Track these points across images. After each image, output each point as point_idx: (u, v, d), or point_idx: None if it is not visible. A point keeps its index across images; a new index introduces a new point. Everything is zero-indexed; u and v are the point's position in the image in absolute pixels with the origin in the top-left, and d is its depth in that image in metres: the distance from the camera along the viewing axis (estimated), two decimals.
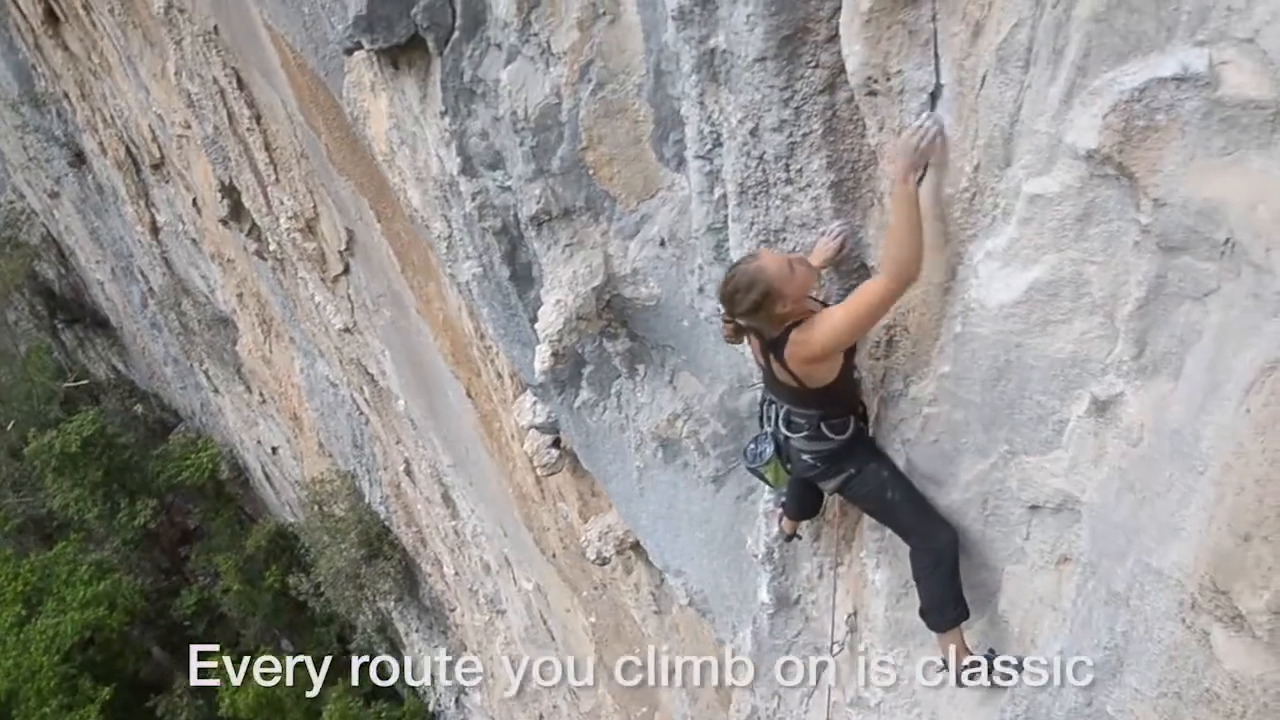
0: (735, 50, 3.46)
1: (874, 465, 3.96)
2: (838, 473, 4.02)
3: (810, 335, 3.53)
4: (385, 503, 16.07)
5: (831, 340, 3.51)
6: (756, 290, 3.47)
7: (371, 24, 4.45)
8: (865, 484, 4.01)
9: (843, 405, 3.90)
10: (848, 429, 3.91)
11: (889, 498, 3.96)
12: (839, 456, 3.97)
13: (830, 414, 3.88)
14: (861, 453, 3.97)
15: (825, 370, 3.65)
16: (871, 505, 4.19)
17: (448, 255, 5.57)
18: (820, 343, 3.52)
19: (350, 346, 11.71)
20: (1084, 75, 2.58)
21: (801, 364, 3.63)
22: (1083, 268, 2.84)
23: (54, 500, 24.60)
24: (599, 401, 5.54)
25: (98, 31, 13.23)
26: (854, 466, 3.97)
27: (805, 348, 3.56)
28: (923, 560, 3.96)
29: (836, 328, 3.47)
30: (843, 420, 3.90)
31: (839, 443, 3.92)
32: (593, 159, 4.35)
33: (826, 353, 3.56)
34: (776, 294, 3.46)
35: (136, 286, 23.15)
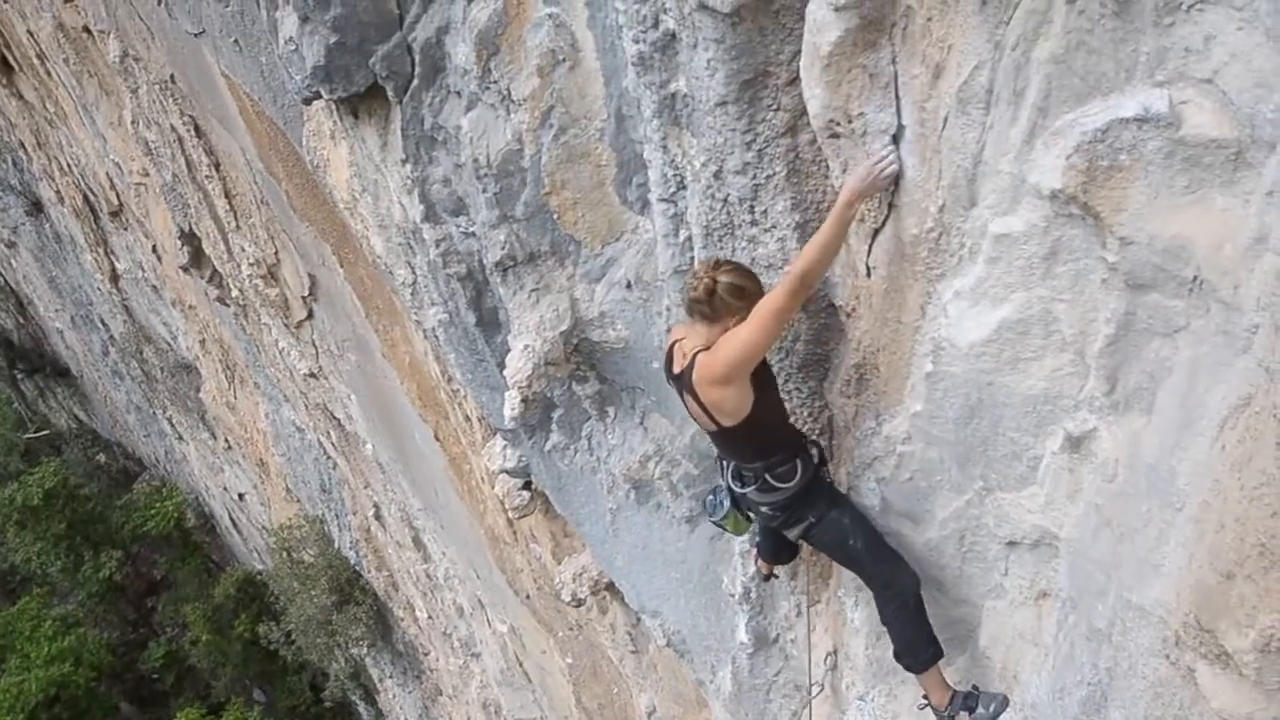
0: (696, 95, 3.45)
1: (835, 513, 3.90)
2: (798, 521, 3.95)
3: (715, 354, 3.50)
4: (355, 547, 15.86)
5: (737, 353, 3.43)
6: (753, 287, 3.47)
7: (330, 74, 4.42)
8: (827, 532, 3.95)
9: (781, 449, 3.81)
10: (795, 475, 3.82)
11: (851, 545, 3.91)
12: (796, 505, 3.90)
13: (773, 463, 3.80)
14: (820, 500, 3.90)
15: (735, 400, 3.54)
16: (835, 553, 4.15)
17: (413, 301, 5.52)
18: (724, 358, 3.45)
19: (316, 391, 11.58)
20: (1045, 116, 2.58)
21: (709, 387, 3.54)
22: (1051, 305, 2.84)
23: (16, 554, 24.15)
24: (570, 444, 5.49)
25: (53, 80, 13.11)
26: (813, 515, 3.91)
27: (709, 368, 3.51)
28: (888, 605, 3.94)
29: (741, 340, 3.42)
30: (789, 467, 3.81)
31: (791, 491, 3.84)
32: (556, 203, 4.33)
33: (731, 370, 3.46)
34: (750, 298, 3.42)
35: (97, 335, 22.85)
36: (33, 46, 12.74)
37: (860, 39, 2.95)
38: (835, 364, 4.00)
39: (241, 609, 22.40)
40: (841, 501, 3.96)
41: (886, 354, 3.56)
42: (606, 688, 9.07)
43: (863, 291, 3.59)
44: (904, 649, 3.95)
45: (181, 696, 24.56)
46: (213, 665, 23.64)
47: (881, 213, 3.28)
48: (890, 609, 3.93)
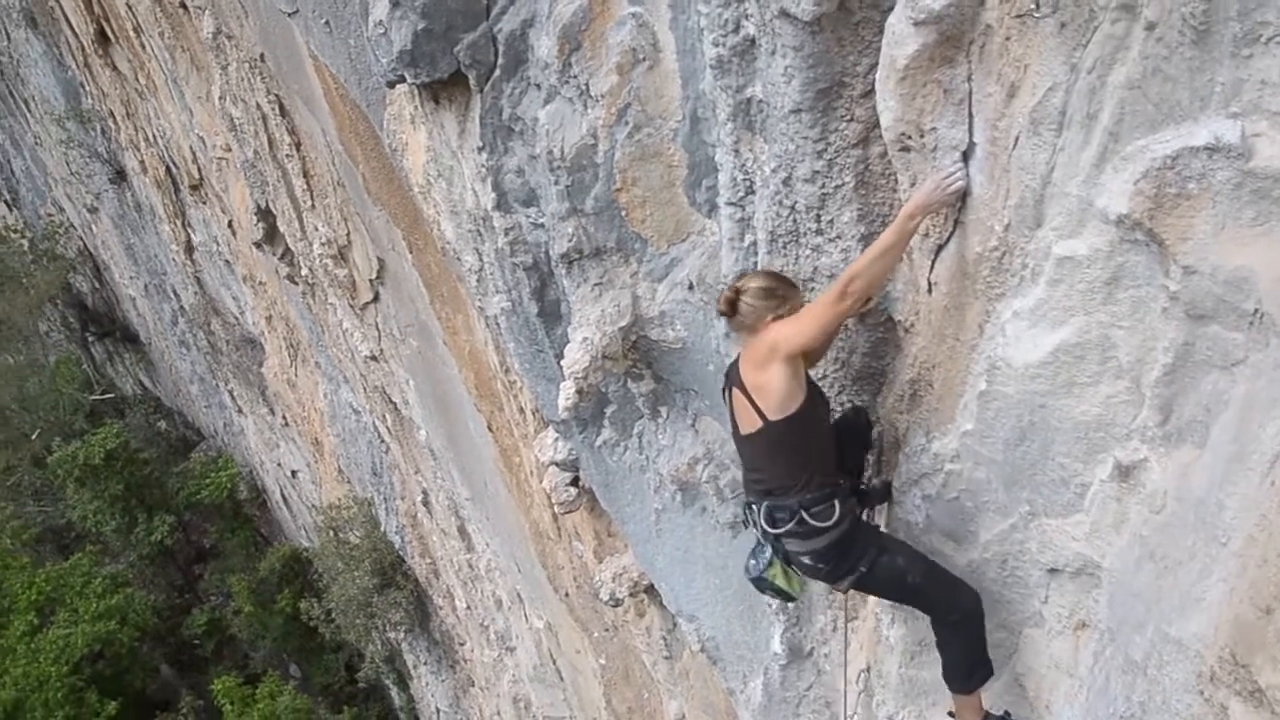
0: (771, 101, 3.50)
1: (885, 558, 3.74)
2: (848, 572, 3.77)
3: (760, 338, 3.58)
4: (401, 532, 16.07)
5: (782, 334, 3.49)
6: (783, 289, 3.61)
7: (415, 59, 4.53)
8: (881, 578, 3.80)
9: (819, 479, 3.64)
10: (833, 515, 3.64)
11: (910, 583, 3.78)
12: (841, 553, 3.73)
13: (809, 498, 3.63)
14: (867, 545, 3.76)
15: (780, 384, 3.50)
16: (893, 594, 4.03)
17: (478, 288, 5.62)
18: (770, 339, 3.52)
19: (375, 374, 11.78)
20: (1117, 141, 2.60)
21: (753, 371, 3.55)
22: (1110, 331, 2.84)
23: (73, 511, 24.79)
24: (620, 441, 5.55)
25: (146, 53, 13.51)
26: (864, 564, 3.73)
27: (755, 349, 3.57)
28: (949, 630, 3.84)
29: (788, 325, 3.51)
30: (826, 506, 3.63)
31: (832, 535, 3.66)
32: (626, 200, 4.40)
33: (775, 348, 3.49)
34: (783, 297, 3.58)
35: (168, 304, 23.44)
36: (130, 19, 13.16)
37: (938, 54, 2.98)
38: (890, 379, 4.02)
39: (285, 584, 22.79)
40: (888, 542, 3.85)
41: (941, 371, 3.57)
42: (637, 692, 9.10)
43: (922, 307, 3.61)
44: (958, 671, 3.89)
45: (220, 664, 25.04)
46: (252, 637, 24.07)
47: (947, 229, 3.30)
48: (949, 632, 3.83)
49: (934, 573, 3.79)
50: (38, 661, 20.86)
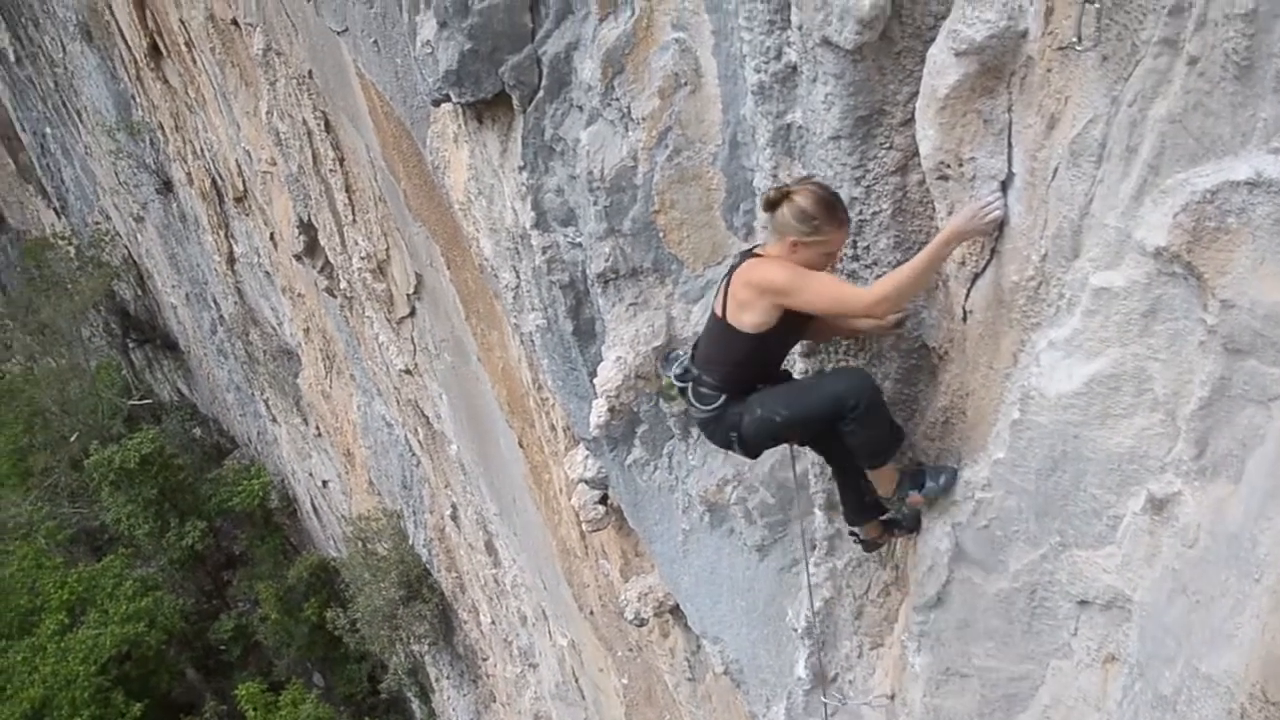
0: (811, 127, 3.54)
1: (746, 418, 3.80)
2: (725, 443, 3.95)
3: (767, 264, 3.55)
4: (428, 545, 16.15)
5: (780, 282, 3.48)
6: (822, 218, 3.42)
7: (461, 79, 4.62)
8: (758, 436, 3.86)
9: (721, 371, 3.80)
10: (712, 404, 3.83)
11: (782, 421, 3.77)
12: (714, 428, 3.91)
13: (706, 379, 3.82)
14: (731, 417, 3.84)
15: (755, 312, 3.57)
16: (783, 439, 4.00)
17: (514, 305, 5.69)
18: (768, 274, 3.51)
19: (409, 388, 11.89)
20: (1156, 174, 2.61)
21: (743, 286, 3.57)
22: (1146, 364, 2.84)
23: (108, 514, 25.10)
24: (650, 461, 5.58)
25: (197, 68, 13.79)
26: (734, 432, 3.86)
27: (756, 268, 3.56)
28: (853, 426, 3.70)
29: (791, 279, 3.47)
30: (713, 394, 3.82)
31: (707, 414, 3.87)
32: (663, 222, 4.45)
33: (763, 287, 3.52)
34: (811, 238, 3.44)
35: (208, 313, 23.76)
36: (183, 34, 13.44)
37: (978, 85, 3.01)
38: (922, 405, 4.02)
39: (312, 593, 22.94)
40: (751, 403, 3.81)
41: (975, 399, 3.58)
42: (659, 713, 9.08)
43: (957, 335, 3.62)
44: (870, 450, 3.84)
45: (245, 670, 25.20)
46: (278, 644, 24.22)
47: (983, 258, 3.31)
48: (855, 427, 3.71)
49: (800, 398, 3.80)
50: (66, 660, 21.11)
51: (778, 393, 3.84)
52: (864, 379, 3.67)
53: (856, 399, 3.59)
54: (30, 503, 27.27)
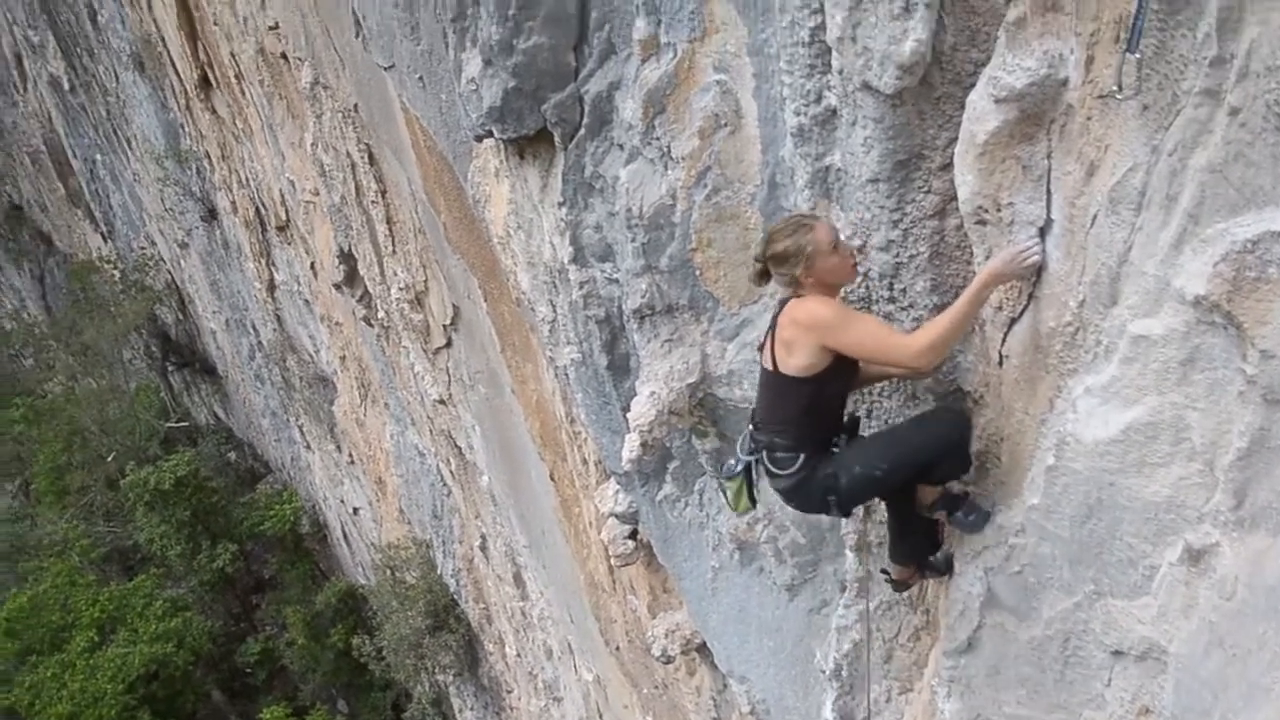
0: (850, 170, 3.57)
1: (843, 480, 3.69)
2: (820, 508, 3.83)
3: (808, 303, 3.53)
4: (456, 575, 16.17)
5: (843, 336, 3.46)
6: (793, 241, 3.47)
7: (504, 115, 4.70)
8: (856, 495, 3.79)
9: (793, 430, 3.72)
10: (793, 467, 3.73)
11: (882, 477, 3.72)
12: (804, 496, 3.80)
13: (779, 441, 3.72)
14: (823, 480, 3.73)
15: (804, 352, 3.54)
16: (881, 495, 3.98)
17: (549, 339, 5.74)
18: (815, 311, 3.49)
19: (442, 418, 11.97)
20: (1196, 223, 2.61)
21: (795, 326, 3.54)
22: (1184, 413, 2.83)
23: (141, 534, 25.35)
24: (681, 497, 5.58)
25: (245, 99, 14.08)
26: (831, 496, 3.74)
27: (800, 306, 3.54)
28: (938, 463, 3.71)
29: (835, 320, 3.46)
30: (789, 457, 3.73)
31: (789, 481, 3.76)
32: (700, 260, 4.48)
33: (809, 323, 3.50)
34: (806, 258, 3.46)
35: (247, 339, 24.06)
36: (233, 67, 13.74)
37: (1018, 131, 3.03)
38: None
39: (339, 619, 22.97)
40: (841, 462, 3.73)
41: (1009, 444, 3.57)
42: None
43: (993, 380, 3.61)
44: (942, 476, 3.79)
45: (270, 694, 25.24)
46: (304, 669, 24.24)
47: (1020, 303, 3.31)
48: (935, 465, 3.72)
49: (899, 448, 3.75)
50: (95, 678, 21.29)
51: (869, 447, 3.79)
52: (962, 417, 3.66)
53: (960, 436, 3.63)
54: (66, 520, 27.63)
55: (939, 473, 3.75)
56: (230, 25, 12.59)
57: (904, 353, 3.38)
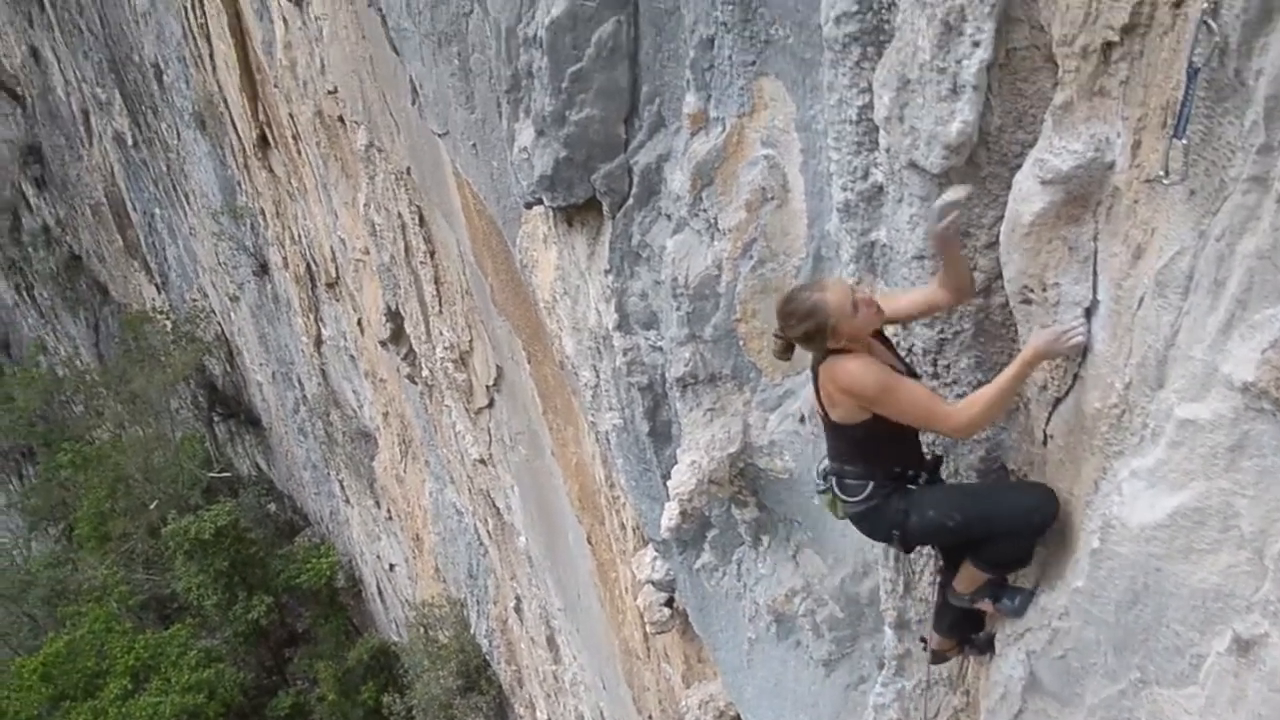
0: (895, 246, 3.60)
1: (914, 519, 3.63)
2: (884, 538, 3.78)
3: (846, 365, 3.42)
4: (490, 636, 16.08)
5: (870, 391, 3.39)
6: (812, 321, 3.37)
7: (554, 184, 4.81)
8: (920, 536, 3.73)
9: (861, 462, 3.66)
10: (863, 494, 3.65)
11: (953, 527, 3.63)
12: (872, 523, 3.73)
13: (849, 469, 3.66)
14: (895, 513, 3.66)
15: (849, 414, 3.49)
16: (945, 542, 3.88)
17: (591, 403, 5.78)
18: (856, 379, 3.39)
19: (482, 478, 12.02)
20: (1244, 309, 2.60)
21: (830, 383, 3.48)
22: (1232, 499, 2.79)
23: (179, 582, 25.51)
24: (719, 566, 5.55)
25: (301, 159, 14.46)
26: (895, 530, 3.68)
27: (840, 366, 3.43)
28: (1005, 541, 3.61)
29: (898, 402, 3.39)
30: (860, 484, 3.66)
31: (861, 507, 3.69)
32: (744, 331, 4.52)
33: (869, 406, 3.43)
34: (830, 330, 3.36)
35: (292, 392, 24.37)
36: (291, 128, 14.15)
37: (1064, 213, 3.05)
38: None
39: (370, 676, 22.85)
40: (917, 500, 3.65)
41: (1054, 524, 3.52)
42: None
43: (1037, 459, 3.59)
44: (992, 560, 3.68)
45: None
46: None
47: (1065, 382, 3.30)
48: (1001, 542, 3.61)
49: (980, 506, 3.64)
50: None
51: (951, 495, 3.73)
52: (1054, 496, 3.50)
53: (1043, 517, 3.49)
54: (107, 566, 27.88)
55: (1003, 551, 3.64)
56: (290, 88, 12.99)
57: (946, 424, 3.37)
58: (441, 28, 5.78)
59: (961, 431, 3.38)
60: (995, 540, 3.62)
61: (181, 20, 17.91)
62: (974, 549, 3.73)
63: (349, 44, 9.66)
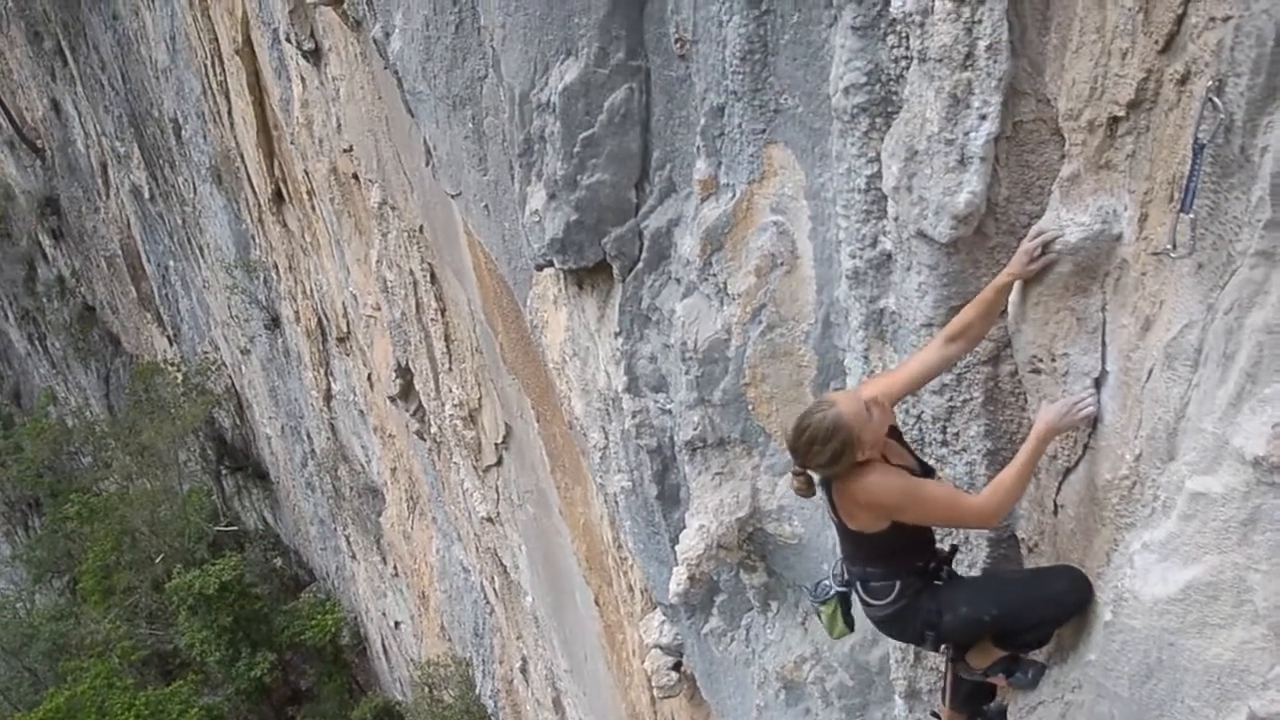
0: (904, 313, 3.62)
1: (948, 618, 3.54)
2: (916, 639, 3.70)
3: (864, 480, 3.32)
4: (495, 697, 15.88)
5: (894, 501, 3.32)
6: (837, 439, 3.22)
7: (565, 247, 4.86)
8: (955, 633, 3.63)
9: (888, 571, 3.56)
10: (890, 595, 3.55)
11: (990, 621, 3.56)
12: (901, 626, 3.65)
13: (870, 574, 3.56)
14: (927, 613, 3.58)
15: (866, 524, 3.42)
16: (980, 638, 3.76)
17: (600, 465, 5.77)
18: (874, 491, 3.31)
19: (489, 536, 11.96)
20: (1254, 382, 2.60)
21: (850, 501, 3.38)
22: (1246, 574, 2.76)
23: (182, 638, 25.30)
24: (728, 631, 5.50)
25: (315, 215, 14.62)
26: (929, 630, 3.60)
27: (864, 493, 3.33)
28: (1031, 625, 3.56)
29: (919, 507, 3.35)
30: (885, 586, 3.55)
31: (889, 610, 3.59)
32: (753, 395, 4.52)
33: (890, 515, 3.37)
34: (856, 442, 3.23)
35: (301, 446, 24.37)
36: (305, 184, 14.33)
37: (1072, 283, 3.06)
38: None
39: None
40: (948, 598, 3.57)
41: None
42: None
43: (1047, 528, 3.56)
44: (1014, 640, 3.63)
45: None
46: None
47: (1075, 453, 3.29)
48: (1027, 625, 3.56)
49: (1013, 597, 3.58)
50: None
51: (981, 590, 3.67)
52: (1085, 578, 3.42)
53: (1079, 600, 3.40)
54: (110, 621, 27.68)
55: (1030, 634, 3.60)
56: (306, 145, 13.18)
57: (972, 517, 3.36)
58: (456, 91, 5.87)
59: (988, 521, 3.34)
60: (1038, 625, 3.57)
61: (201, 77, 18.23)
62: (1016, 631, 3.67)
63: (365, 104, 9.82)
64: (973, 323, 3.25)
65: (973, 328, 3.26)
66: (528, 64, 4.72)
